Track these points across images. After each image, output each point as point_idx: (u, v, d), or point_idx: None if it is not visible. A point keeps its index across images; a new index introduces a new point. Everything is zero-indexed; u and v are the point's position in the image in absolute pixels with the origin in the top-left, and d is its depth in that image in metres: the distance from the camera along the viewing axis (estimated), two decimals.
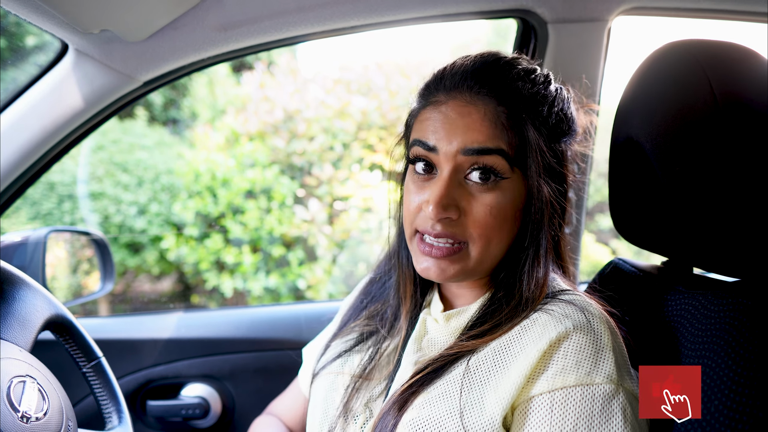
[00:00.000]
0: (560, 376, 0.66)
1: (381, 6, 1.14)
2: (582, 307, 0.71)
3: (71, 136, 1.18)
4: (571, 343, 0.68)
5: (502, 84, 0.74)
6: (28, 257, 1.29)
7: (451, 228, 0.73)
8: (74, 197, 3.66)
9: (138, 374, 1.40)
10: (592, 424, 0.64)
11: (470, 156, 0.72)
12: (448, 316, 0.82)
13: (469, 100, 0.74)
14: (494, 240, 0.74)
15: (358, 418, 0.80)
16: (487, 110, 0.73)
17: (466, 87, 0.75)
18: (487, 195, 0.73)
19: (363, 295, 0.98)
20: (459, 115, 0.73)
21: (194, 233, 3.67)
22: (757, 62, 0.69)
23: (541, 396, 0.66)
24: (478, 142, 0.72)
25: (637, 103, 0.80)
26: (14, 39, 2.78)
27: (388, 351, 0.85)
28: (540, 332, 0.70)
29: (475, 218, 0.73)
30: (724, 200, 0.67)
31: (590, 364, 0.66)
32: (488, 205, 0.73)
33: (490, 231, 0.73)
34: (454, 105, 0.74)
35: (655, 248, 0.84)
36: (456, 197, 0.73)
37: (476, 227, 0.73)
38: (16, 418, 0.69)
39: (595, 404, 0.65)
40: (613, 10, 1.23)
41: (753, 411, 0.57)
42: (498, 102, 0.73)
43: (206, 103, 4.44)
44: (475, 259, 0.75)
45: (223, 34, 1.11)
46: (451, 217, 0.73)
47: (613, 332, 0.70)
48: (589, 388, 0.65)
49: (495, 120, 0.72)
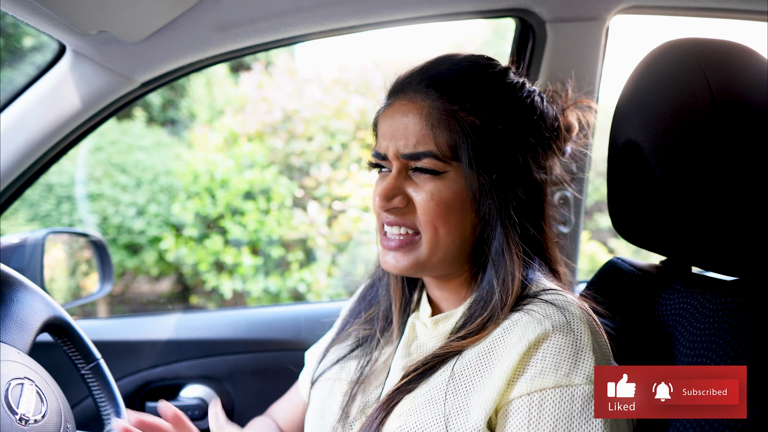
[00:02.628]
0: (539, 378, 0.66)
1: (379, 6, 1.14)
2: (562, 308, 0.71)
3: (69, 137, 1.17)
4: (550, 344, 0.68)
5: (444, 79, 0.77)
6: (26, 259, 1.29)
7: (401, 216, 0.78)
8: (73, 198, 3.65)
9: (137, 376, 1.40)
10: (572, 425, 0.64)
11: (406, 159, 0.77)
12: (435, 320, 0.82)
13: (411, 97, 0.78)
14: (442, 229, 0.76)
15: (355, 424, 0.80)
16: (423, 107, 0.76)
17: (411, 86, 0.79)
18: (429, 184, 0.76)
19: (360, 300, 0.99)
20: (401, 116, 0.78)
21: (193, 234, 3.67)
22: (756, 61, 0.69)
23: (520, 399, 0.66)
24: (409, 148, 0.76)
25: (636, 102, 0.80)
26: (11, 40, 2.78)
27: (384, 356, 0.86)
28: (520, 334, 0.70)
29: (419, 205, 0.77)
30: (722, 199, 0.67)
31: (569, 365, 0.66)
32: (430, 192, 0.76)
33: (435, 219, 0.76)
34: (398, 105, 0.79)
35: (654, 247, 0.84)
36: (402, 188, 0.78)
37: (422, 214, 0.76)
38: (15, 421, 0.69)
39: (575, 405, 0.64)
40: (612, 9, 1.23)
41: (752, 410, 0.57)
42: (437, 96, 0.76)
43: (204, 104, 4.44)
44: (426, 249, 0.77)
45: (220, 35, 1.11)
46: (398, 206, 0.77)
47: (595, 332, 0.70)
48: (568, 389, 0.65)
49: (429, 118, 0.75)
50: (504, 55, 1.37)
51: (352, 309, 0.99)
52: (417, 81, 0.78)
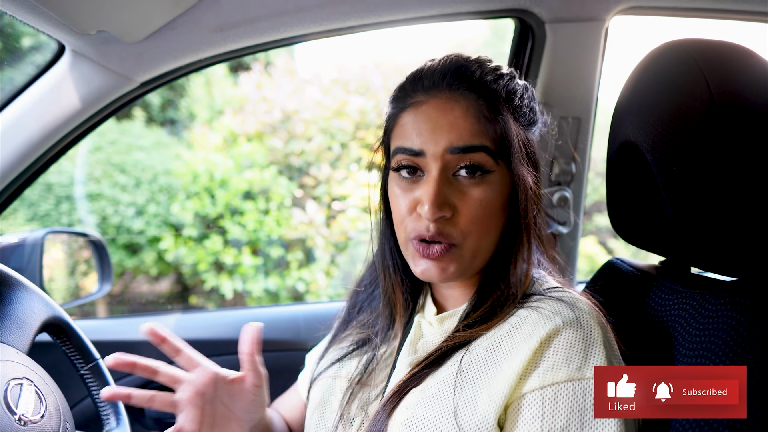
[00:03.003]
0: (551, 372, 0.66)
1: (378, 6, 1.14)
2: (571, 304, 0.72)
3: (68, 137, 1.17)
4: (561, 339, 0.68)
5: (478, 79, 0.76)
6: (25, 259, 1.29)
7: (446, 227, 0.74)
8: (72, 198, 3.65)
9: (135, 376, 1.39)
10: (585, 419, 0.64)
11: (457, 154, 0.73)
12: (441, 318, 0.83)
13: (450, 96, 0.74)
14: (485, 234, 0.75)
15: (355, 420, 0.80)
16: (468, 105, 0.74)
17: (445, 85, 0.75)
18: (476, 189, 0.74)
19: (350, 307, 0.98)
20: (441, 113, 0.74)
21: (193, 234, 3.67)
22: (755, 62, 0.69)
23: (532, 393, 0.66)
24: (464, 140, 0.72)
25: (635, 103, 0.80)
26: (10, 40, 2.78)
27: (384, 356, 0.86)
28: (531, 330, 0.70)
29: (467, 213, 0.74)
30: (721, 200, 0.67)
31: (580, 359, 0.66)
32: (478, 199, 0.73)
33: (481, 225, 0.74)
34: (436, 103, 0.75)
35: (653, 248, 0.84)
36: (447, 195, 0.73)
37: (469, 222, 0.74)
38: (14, 421, 0.69)
39: (587, 399, 0.65)
40: (611, 9, 1.23)
41: (752, 411, 0.57)
42: (477, 96, 0.75)
43: (204, 104, 4.44)
44: (469, 254, 0.76)
45: (220, 35, 1.11)
46: (446, 215, 0.73)
47: (604, 327, 0.71)
48: (580, 383, 0.65)
49: (477, 115, 0.73)
50: (504, 56, 1.37)
51: (350, 310, 0.99)
52: (451, 80, 0.75)
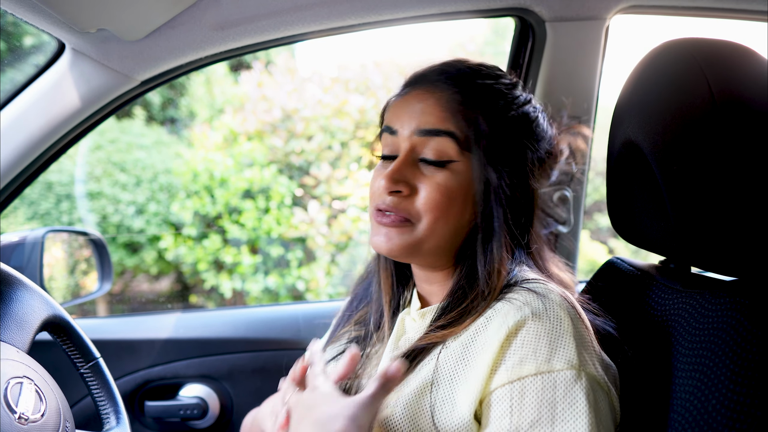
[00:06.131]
0: (518, 366, 0.66)
1: (378, 5, 1.14)
2: (542, 294, 0.71)
3: (69, 135, 1.17)
4: (528, 330, 0.68)
5: (461, 75, 0.80)
6: (25, 257, 1.29)
7: (403, 203, 0.78)
8: (72, 197, 3.65)
9: (136, 375, 1.40)
10: (556, 411, 0.63)
11: (423, 137, 0.78)
12: (422, 313, 0.84)
13: (429, 88, 0.80)
14: (442, 219, 0.77)
15: None
16: (442, 96, 0.79)
17: (429, 78, 0.82)
18: (438, 174, 0.77)
19: (352, 300, 1.00)
20: (418, 100, 0.80)
21: (192, 233, 3.67)
22: (755, 61, 0.69)
23: (501, 388, 0.66)
24: (430, 124, 0.78)
25: (635, 102, 0.80)
26: (11, 38, 2.78)
27: (378, 352, 0.86)
28: (500, 322, 0.70)
29: (424, 195, 0.77)
30: (722, 199, 0.67)
31: (548, 350, 0.66)
32: (438, 183, 0.77)
33: (437, 208, 0.77)
34: (416, 93, 0.81)
35: (653, 247, 0.84)
36: (408, 175, 0.78)
37: (424, 203, 0.77)
38: (14, 420, 0.69)
39: (557, 391, 0.64)
40: (612, 8, 1.23)
41: (751, 410, 0.57)
42: (455, 90, 0.79)
43: (204, 103, 4.44)
44: (421, 234, 0.78)
45: (220, 33, 1.11)
46: (402, 191, 0.77)
47: (575, 319, 0.70)
48: (549, 375, 0.65)
49: (448, 105, 0.78)
50: (504, 55, 1.37)
51: (345, 309, 1.00)
52: (436, 74, 0.81)
